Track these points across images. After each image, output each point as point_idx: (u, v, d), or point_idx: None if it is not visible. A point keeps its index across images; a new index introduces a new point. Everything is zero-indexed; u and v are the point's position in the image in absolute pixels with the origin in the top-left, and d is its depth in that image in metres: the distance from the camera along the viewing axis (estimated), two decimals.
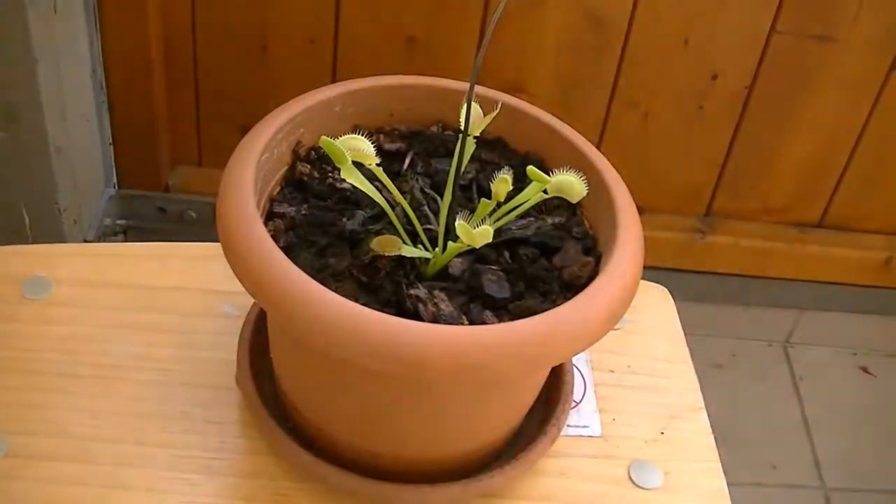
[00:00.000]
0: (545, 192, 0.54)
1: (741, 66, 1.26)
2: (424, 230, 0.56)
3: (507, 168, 0.55)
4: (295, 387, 0.59)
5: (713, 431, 0.68)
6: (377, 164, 0.55)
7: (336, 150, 0.53)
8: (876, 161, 1.36)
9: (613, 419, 0.67)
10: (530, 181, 0.55)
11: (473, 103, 0.58)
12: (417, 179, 0.60)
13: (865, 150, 1.34)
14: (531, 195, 0.55)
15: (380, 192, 0.55)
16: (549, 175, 0.54)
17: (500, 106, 0.58)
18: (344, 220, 0.57)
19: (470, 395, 0.55)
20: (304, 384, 0.58)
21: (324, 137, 0.53)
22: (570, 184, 0.54)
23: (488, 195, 0.55)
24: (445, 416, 0.56)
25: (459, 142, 0.55)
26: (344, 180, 0.54)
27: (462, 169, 0.57)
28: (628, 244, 0.55)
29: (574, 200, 0.54)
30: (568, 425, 0.65)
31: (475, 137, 0.58)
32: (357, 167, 0.54)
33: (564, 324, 0.50)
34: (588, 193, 0.55)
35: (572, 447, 0.65)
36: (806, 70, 1.26)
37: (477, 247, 0.53)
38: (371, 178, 0.55)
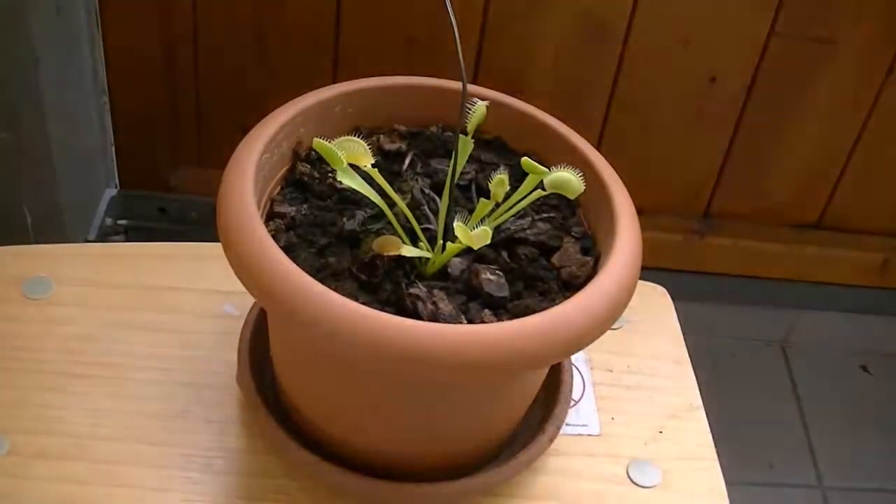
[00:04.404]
0: (543, 188, 0.54)
1: (740, 67, 1.26)
2: (423, 230, 0.56)
3: (503, 168, 0.55)
4: (295, 386, 0.59)
5: (711, 430, 0.68)
6: (377, 164, 0.55)
7: (330, 152, 0.53)
8: (874, 162, 1.36)
9: (612, 418, 0.67)
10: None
11: (480, 102, 0.58)
12: (417, 180, 0.60)
13: (863, 152, 1.35)
14: (528, 189, 0.55)
15: (379, 192, 0.56)
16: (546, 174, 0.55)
17: (490, 104, 0.59)
18: (344, 219, 0.57)
19: (469, 393, 0.56)
20: (304, 383, 0.58)
21: (317, 140, 0.53)
22: (568, 180, 0.54)
23: (488, 195, 0.55)
24: (445, 414, 0.56)
25: (457, 141, 0.56)
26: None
27: (461, 169, 0.57)
28: (627, 244, 0.55)
29: (572, 196, 0.55)
30: (567, 424, 0.65)
31: (474, 138, 0.58)
32: (355, 168, 0.55)
33: (563, 323, 0.50)
34: (587, 193, 0.55)
35: (571, 446, 0.65)
36: (804, 72, 1.27)
37: (475, 248, 0.53)
38: (371, 178, 0.56)
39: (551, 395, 0.63)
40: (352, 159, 0.53)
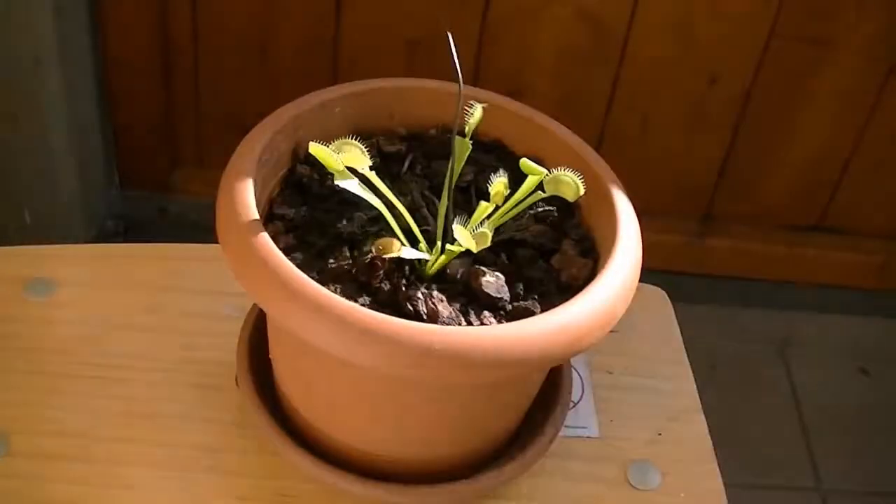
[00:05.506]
0: (542, 191, 0.55)
1: (740, 69, 1.26)
2: (423, 231, 0.56)
3: (502, 170, 0.55)
4: (294, 387, 0.59)
5: (711, 433, 0.68)
6: (377, 166, 0.55)
7: (327, 155, 0.53)
8: (874, 164, 1.36)
9: (611, 420, 0.67)
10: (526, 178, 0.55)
11: (477, 105, 0.58)
12: (417, 182, 0.60)
13: (863, 154, 1.35)
14: (527, 190, 0.55)
15: (378, 194, 0.56)
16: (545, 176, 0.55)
17: (489, 106, 0.59)
18: (343, 221, 0.57)
19: (468, 396, 0.56)
20: (303, 385, 0.58)
21: (313, 144, 0.53)
22: (567, 182, 0.54)
23: (487, 197, 0.55)
24: (444, 416, 0.56)
25: (454, 144, 0.56)
26: None
27: (459, 171, 0.57)
28: (626, 246, 0.55)
29: (571, 199, 0.55)
30: (566, 426, 0.65)
31: (474, 140, 0.58)
32: (355, 170, 0.55)
33: (562, 325, 0.50)
34: (586, 195, 0.55)
35: (570, 448, 0.65)
36: (804, 74, 1.27)
37: (475, 251, 0.53)
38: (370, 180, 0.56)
39: (550, 396, 0.63)
40: (349, 162, 0.53)
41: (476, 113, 0.58)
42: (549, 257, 0.58)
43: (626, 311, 0.54)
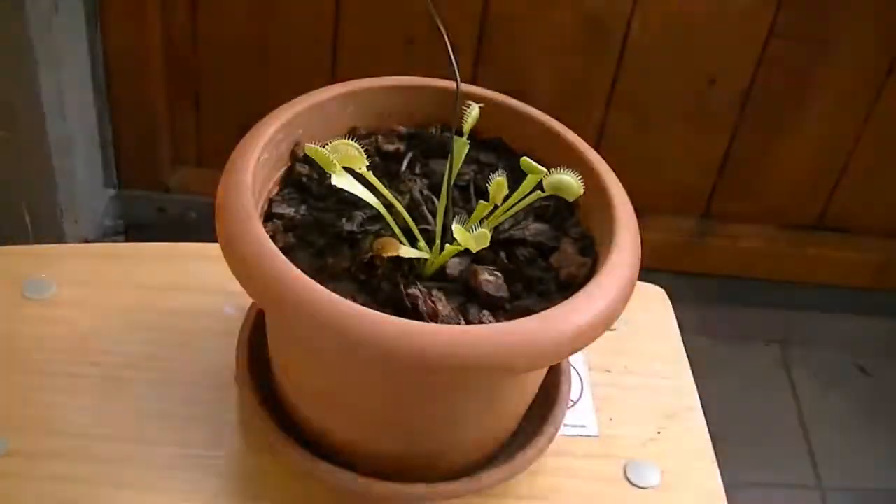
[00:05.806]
0: (542, 189, 0.55)
1: (740, 69, 1.26)
2: (422, 230, 0.56)
3: (502, 169, 0.55)
4: (294, 386, 0.59)
5: (710, 431, 0.68)
6: (376, 165, 0.55)
7: (323, 156, 0.53)
8: (873, 164, 1.36)
9: (610, 419, 0.68)
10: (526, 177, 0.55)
11: (474, 104, 0.58)
12: (416, 180, 0.60)
13: (863, 153, 1.35)
14: (526, 189, 0.55)
15: (378, 192, 0.56)
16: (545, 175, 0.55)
17: (488, 105, 0.59)
18: (342, 220, 0.57)
19: (468, 394, 0.56)
20: (302, 383, 0.59)
21: (308, 145, 0.53)
22: (567, 182, 0.54)
23: (486, 196, 0.55)
24: (443, 415, 0.56)
25: (452, 143, 0.56)
26: None
27: (457, 170, 0.58)
28: (625, 245, 0.55)
29: (570, 199, 0.55)
30: (565, 425, 0.65)
31: (474, 139, 0.58)
32: (352, 169, 0.55)
33: (562, 324, 0.50)
34: (585, 194, 0.55)
35: (569, 446, 0.65)
36: (803, 74, 1.27)
37: (474, 251, 0.53)
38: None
39: (549, 395, 0.63)
40: (345, 163, 0.53)
41: (473, 112, 0.58)
42: (548, 256, 0.58)
43: (625, 310, 0.54)
